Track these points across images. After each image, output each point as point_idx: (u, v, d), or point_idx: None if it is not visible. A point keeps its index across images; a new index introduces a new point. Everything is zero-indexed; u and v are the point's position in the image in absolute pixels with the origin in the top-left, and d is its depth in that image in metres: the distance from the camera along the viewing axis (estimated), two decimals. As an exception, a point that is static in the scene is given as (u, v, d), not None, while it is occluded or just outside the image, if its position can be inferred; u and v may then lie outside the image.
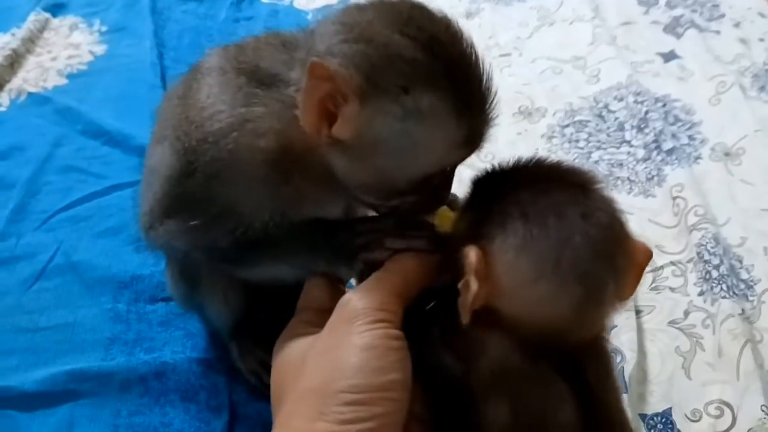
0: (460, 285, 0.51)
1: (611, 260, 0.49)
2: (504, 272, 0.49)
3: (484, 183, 0.56)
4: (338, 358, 0.51)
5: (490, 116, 0.54)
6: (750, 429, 0.74)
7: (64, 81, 1.31)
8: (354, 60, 0.50)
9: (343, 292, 0.62)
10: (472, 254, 0.49)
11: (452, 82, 0.51)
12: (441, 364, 0.57)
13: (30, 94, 1.27)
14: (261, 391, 0.79)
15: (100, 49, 1.40)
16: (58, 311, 0.91)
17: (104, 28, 1.45)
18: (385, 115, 0.51)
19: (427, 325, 0.58)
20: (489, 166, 0.57)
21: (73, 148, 1.16)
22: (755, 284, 0.89)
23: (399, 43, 0.50)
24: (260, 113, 0.56)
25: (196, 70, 0.64)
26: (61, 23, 1.46)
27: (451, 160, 0.56)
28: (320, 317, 0.60)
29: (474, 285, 0.48)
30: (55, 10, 1.48)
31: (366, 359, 0.51)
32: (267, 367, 0.77)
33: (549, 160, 0.55)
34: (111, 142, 1.16)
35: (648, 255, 0.52)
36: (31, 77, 1.31)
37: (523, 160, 0.55)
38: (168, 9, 1.49)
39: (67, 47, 1.39)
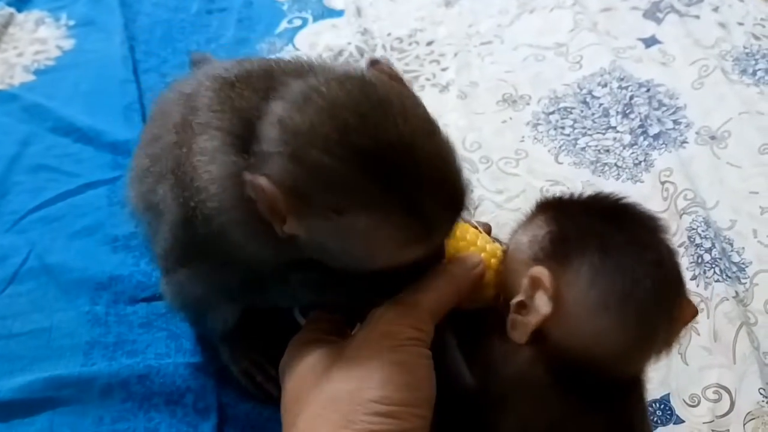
0: (515, 301, 0.52)
1: (670, 311, 0.51)
2: (572, 299, 0.50)
3: (552, 207, 0.57)
4: (369, 369, 0.51)
5: (453, 213, 0.51)
6: (749, 412, 0.73)
7: (31, 77, 1.26)
8: (286, 181, 0.47)
9: None
10: (544, 275, 0.50)
11: (393, 200, 0.47)
12: (453, 373, 0.56)
13: (-5, 91, 1.22)
14: (251, 393, 0.77)
15: (68, 43, 1.35)
16: (33, 316, 0.87)
17: (71, 23, 1.40)
18: (321, 232, 0.50)
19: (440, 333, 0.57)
20: (562, 192, 0.60)
21: (43, 147, 1.11)
22: (747, 267, 0.89)
23: (329, 166, 0.46)
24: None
25: (190, 98, 0.59)
26: (26, 18, 1.40)
27: (413, 256, 0.52)
28: (334, 326, 0.61)
29: (546, 307, 0.49)
30: (20, 4, 1.43)
31: (397, 373, 0.50)
32: (261, 368, 0.76)
33: (623, 197, 0.57)
34: (83, 139, 1.12)
35: (694, 314, 0.54)
36: (-4, 74, 1.26)
37: (599, 193, 0.58)
38: (138, 2, 1.44)
39: (34, 42, 1.34)
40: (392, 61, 1.24)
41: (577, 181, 1.01)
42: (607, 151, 1.05)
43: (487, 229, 0.68)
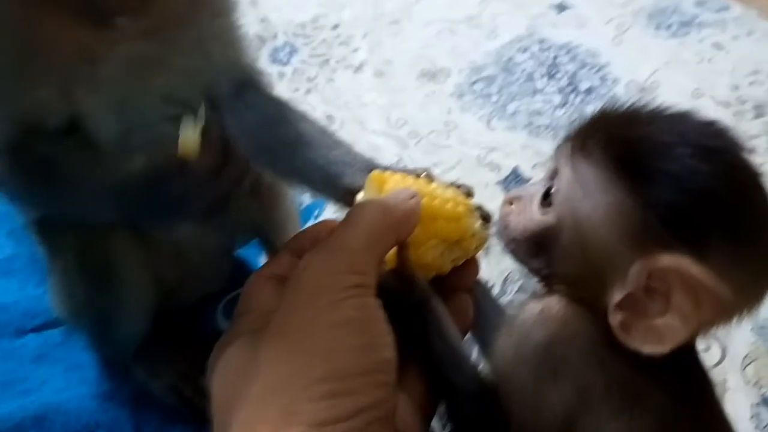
0: (620, 297, 0.37)
1: None
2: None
3: (612, 154, 0.40)
4: (306, 341, 0.38)
5: None
6: (746, 356, 0.67)
7: None
8: None
9: None
10: (693, 269, 0.35)
11: None
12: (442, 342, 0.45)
13: None
14: (180, 411, 0.64)
15: None
16: None
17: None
18: None
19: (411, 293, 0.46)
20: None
21: None
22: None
23: None
24: None
25: None
26: None
27: None
28: (267, 318, 0.47)
29: (691, 311, 0.36)
30: None
31: (342, 336, 0.38)
32: (189, 380, 0.64)
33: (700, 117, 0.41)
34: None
35: None
36: None
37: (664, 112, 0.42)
38: None
39: None
40: (298, 47, 1.14)
41: (514, 144, 0.94)
42: (539, 113, 0.99)
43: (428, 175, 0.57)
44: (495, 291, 0.75)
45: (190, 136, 0.50)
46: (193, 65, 0.54)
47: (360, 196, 0.51)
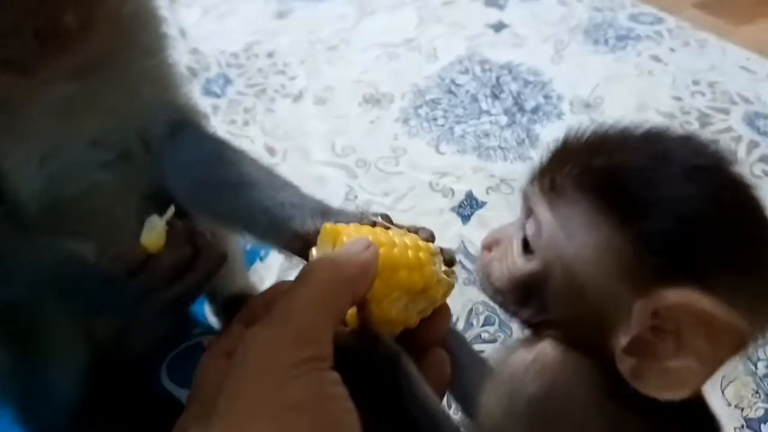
0: (626, 341, 0.33)
1: None
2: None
3: (593, 186, 0.35)
4: (253, 429, 0.33)
5: None
6: (723, 376, 0.64)
7: None
8: None
9: None
10: (702, 302, 0.31)
11: None
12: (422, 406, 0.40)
13: None
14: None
15: None
16: None
17: None
18: None
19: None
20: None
21: None
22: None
23: None
24: None
25: None
26: None
27: None
28: (218, 400, 0.41)
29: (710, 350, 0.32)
30: None
31: (293, 422, 0.33)
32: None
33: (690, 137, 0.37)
34: None
35: None
36: None
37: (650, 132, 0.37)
38: None
39: None
40: (232, 77, 1.09)
41: (465, 168, 0.91)
42: (487, 135, 0.97)
43: (385, 218, 0.50)
44: (459, 325, 0.71)
45: (154, 227, 0.45)
46: (122, 106, 0.50)
47: (314, 252, 0.46)
